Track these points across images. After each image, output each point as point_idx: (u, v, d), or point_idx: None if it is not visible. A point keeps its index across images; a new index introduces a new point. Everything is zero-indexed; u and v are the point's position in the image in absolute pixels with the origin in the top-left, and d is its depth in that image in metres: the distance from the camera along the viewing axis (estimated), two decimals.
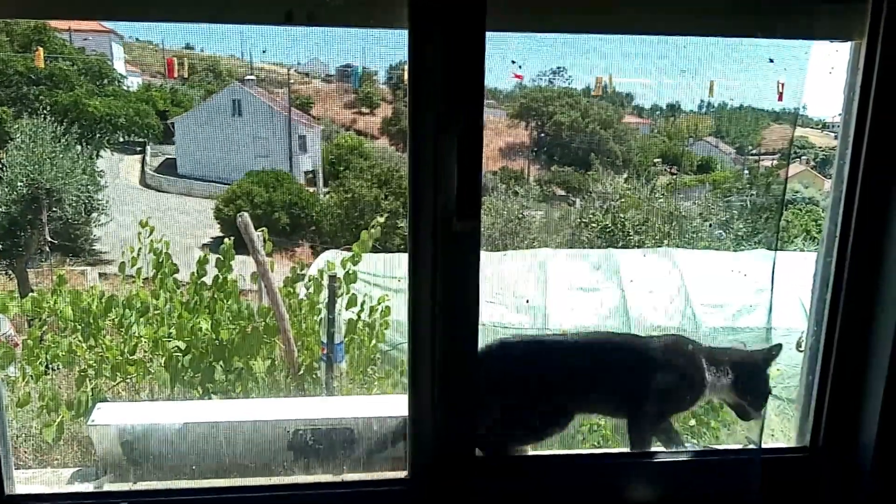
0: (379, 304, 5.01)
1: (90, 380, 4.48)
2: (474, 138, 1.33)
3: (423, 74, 1.33)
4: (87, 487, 1.79)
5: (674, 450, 1.69)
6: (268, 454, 1.82)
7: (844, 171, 1.53)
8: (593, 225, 8.70)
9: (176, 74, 14.23)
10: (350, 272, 4.84)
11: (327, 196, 13.37)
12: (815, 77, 1.68)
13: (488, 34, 1.33)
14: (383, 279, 5.74)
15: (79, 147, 10.95)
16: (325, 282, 4.78)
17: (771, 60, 1.74)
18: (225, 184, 12.79)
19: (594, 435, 3.45)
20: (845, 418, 1.58)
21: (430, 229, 1.38)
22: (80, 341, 4.50)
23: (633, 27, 1.51)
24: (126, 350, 4.48)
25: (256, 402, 4.11)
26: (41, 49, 11.41)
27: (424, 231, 1.39)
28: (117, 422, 1.87)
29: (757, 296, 1.79)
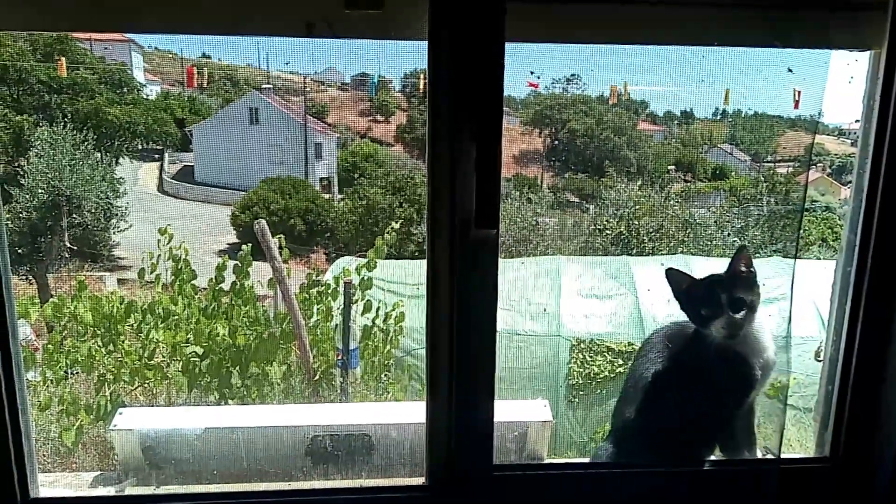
0: (394, 309, 5.03)
1: (109, 384, 4.53)
2: (492, 147, 1.34)
3: (442, 84, 1.34)
4: (110, 491, 1.81)
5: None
6: (286, 459, 1.83)
7: (864, 180, 1.52)
8: (607, 232, 8.67)
9: (195, 83, 14.40)
10: (365, 278, 4.86)
11: (342, 203, 13.46)
12: (834, 86, 1.68)
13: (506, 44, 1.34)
14: (398, 285, 5.76)
15: (98, 154, 11.12)
16: (341, 288, 4.81)
17: (790, 70, 1.74)
18: (241, 190, 12.91)
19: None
20: (865, 429, 1.56)
21: (448, 237, 1.39)
22: (99, 346, 4.56)
23: (651, 38, 1.51)
24: (145, 355, 4.54)
25: (274, 407, 4.14)
26: (63, 59, 11.60)
27: (442, 239, 1.40)
28: (139, 427, 1.90)
29: (772, 304, 1.77)
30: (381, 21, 1.40)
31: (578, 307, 6.45)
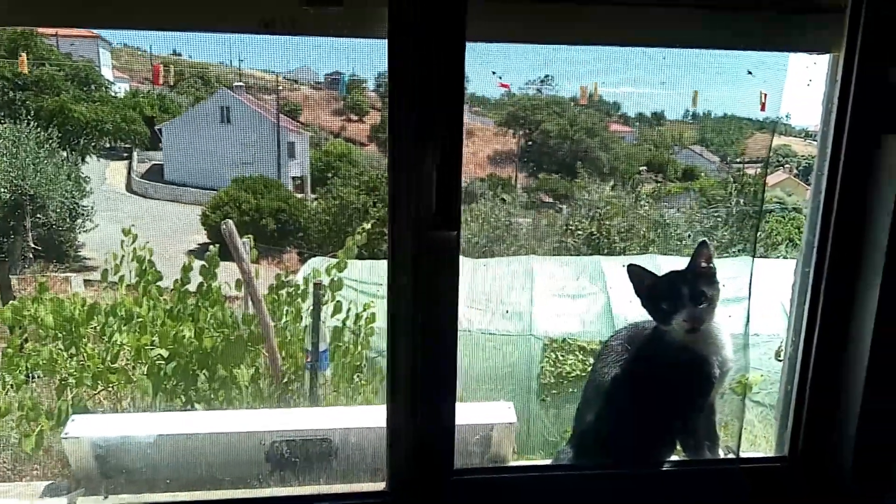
0: (365, 310, 4.99)
1: (71, 388, 4.42)
2: (453, 148, 1.33)
3: (403, 83, 1.32)
4: (61, 502, 1.75)
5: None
6: (244, 466, 1.79)
7: (822, 181, 1.54)
8: (579, 232, 8.73)
9: (162, 81, 14.17)
10: (335, 279, 4.82)
11: (315, 202, 13.35)
12: (795, 88, 1.70)
13: (472, 44, 1.33)
14: (370, 286, 5.72)
15: (64, 153, 10.87)
16: (311, 289, 4.76)
17: (750, 73, 1.75)
18: (212, 190, 12.72)
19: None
20: (823, 429, 1.58)
21: (410, 239, 1.37)
22: (61, 349, 4.45)
23: (614, 39, 1.51)
24: (108, 358, 4.43)
25: (233, 413, 4.06)
26: (25, 55, 11.32)
27: (403, 241, 1.38)
28: (91, 434, 1.84)
29: (734, 304, 1.78)
30: (340, 19, 1.37)
31: (551, 307, 6.49)
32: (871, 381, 1.49)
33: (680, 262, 1.65)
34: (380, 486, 1.50)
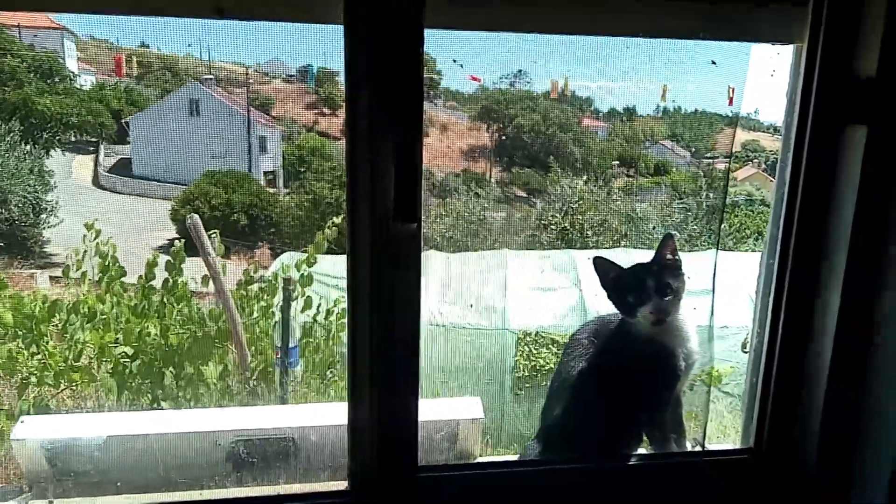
0: (335, 306, 4.94)
1: (32, 387, 4.31)
2: (412, 140, 1.29)
3: (360, 73, 1.28)
4: None
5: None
6: (201, 468, 1.74)
7: (786, 174, 1.53)
8: (552, 226, 8.76)
9: (124, 73, 13.89)
10: (305, 274, 4.76)
11: (288, 197, 13.20)
12: (759, 80, 1.69)
13: (441, 35, 1.30)
14: (340, 281, 5.67)
15: (27, 146, 10.60)
16: (280, 284, 4.70)
17: (714, 62, 1.74)
18: (182, 184, 12.51)
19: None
20: (789, 420, 1.58)
21: (369, 232, 1.33)
22: (21, 348, 4.33)
23: (576, 26, 1.48)
24: (70, 357, 4.33)
25: (191, 413, 3.98)
26: None
27: (363, 234, 1.34)
28: (39, 436, 1.77)
29: (701, 296, 1.78)
30: (294, 4, 1.33)
31: (524, 300, 6.50)
32: (835, 374, 1.49)
33: (651, 256, 1.64)
34: (342, 485, 1.46)
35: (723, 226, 7.62)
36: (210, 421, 1.94)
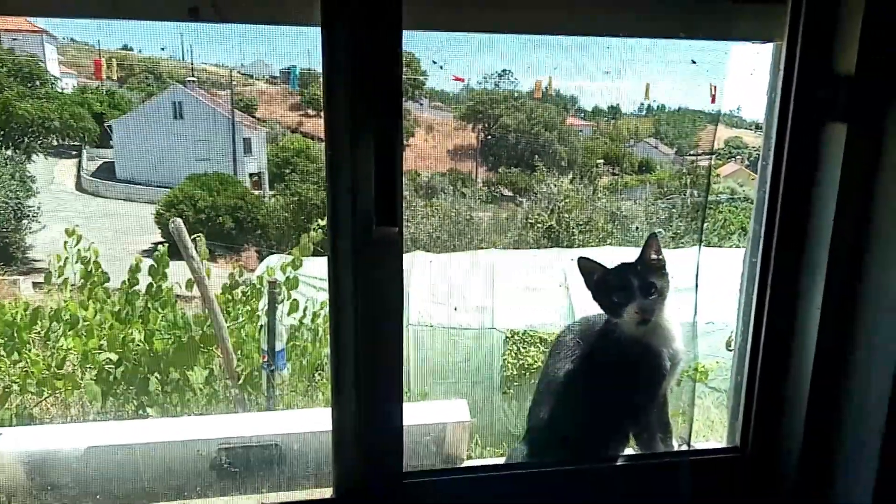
0: (322, 308, 4.91)
1: (15, 396, 4.25)
2: (392, 143, 1.27)
3: (338, 75, 1.27)
4: None
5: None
6: (182, 477, 1.71)
7: (768, 171, 1.53)
8: (539, 225, 8.77)
9: (104, 76, 13.75)
10: (291, 277, 4.72)
11: (273, 199, 13.13)
12: (739, 79, 1.69)
13: (424, 36, 1.28)
14: (326, 283, 5.63)
15: (8, 151, 10.47)
16: (266, 287, 4.66)
17: (693, 62, 1.74)
18: (166, 188, 12.40)
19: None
20: (772, 419, 1.58)
21: (349, 235, 1.32)
22: (2, 356, 4.27)
23: (555, 27, 1.48)
24: (53, 364, 4.27)
25: (174, 421, 3.94)
26: None
27: (344, 238, 1.33)
28: (16, 448, 1.74)
29: (684, 293, 1.78)
30: (270, 5, 1.31)
31: (512, 299, 6.50)
32: (818, 371, 1.49)
33: (637, 254, 1.64)
34: (327, 492, 1.45)
35: (707, 223, 7.66)
36: (193, 429, 1.91)
